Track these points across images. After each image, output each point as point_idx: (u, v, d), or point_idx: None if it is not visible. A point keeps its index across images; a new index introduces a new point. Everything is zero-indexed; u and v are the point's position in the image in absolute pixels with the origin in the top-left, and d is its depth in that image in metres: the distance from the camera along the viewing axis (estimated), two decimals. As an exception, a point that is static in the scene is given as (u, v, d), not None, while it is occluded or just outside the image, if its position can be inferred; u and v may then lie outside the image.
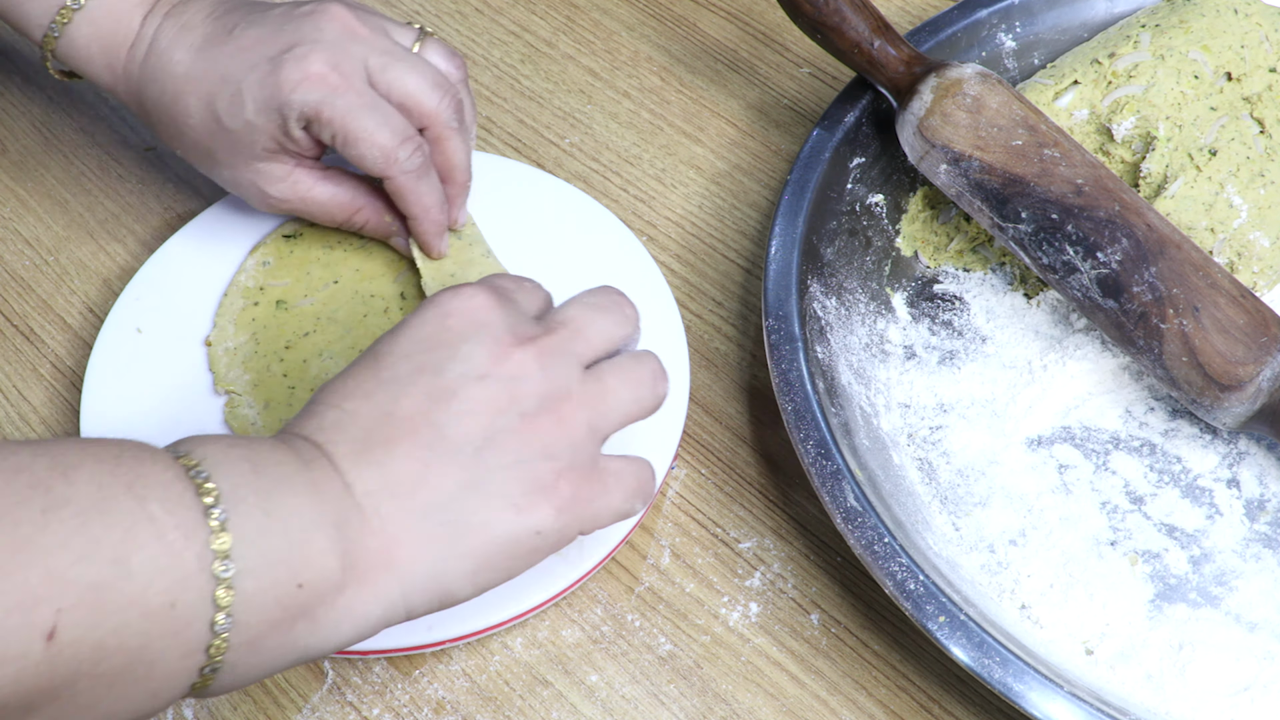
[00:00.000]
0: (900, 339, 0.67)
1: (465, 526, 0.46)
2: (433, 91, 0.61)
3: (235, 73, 0.59)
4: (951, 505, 0.61)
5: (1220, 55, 0.67)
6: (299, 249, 0.68)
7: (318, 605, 0.43)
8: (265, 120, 0.59)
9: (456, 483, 0.46)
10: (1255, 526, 0.61)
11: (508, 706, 0.56)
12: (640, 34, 0.84)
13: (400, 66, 0.60)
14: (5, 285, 0.71)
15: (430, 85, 0.61)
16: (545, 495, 0.47)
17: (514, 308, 0.50)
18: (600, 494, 0.49)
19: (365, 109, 0.59)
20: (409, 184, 0.61)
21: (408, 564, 0.45)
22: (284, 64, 0.58)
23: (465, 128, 0.64)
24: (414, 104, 0.61)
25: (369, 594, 0.44)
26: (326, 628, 0.44)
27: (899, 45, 0.66)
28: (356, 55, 0.59)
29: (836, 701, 0.57)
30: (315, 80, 0.58)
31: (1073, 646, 0.56)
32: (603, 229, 0.69)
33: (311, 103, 0.58)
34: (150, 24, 0.61)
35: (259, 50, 0.59)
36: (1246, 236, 0.65)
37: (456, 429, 0.46)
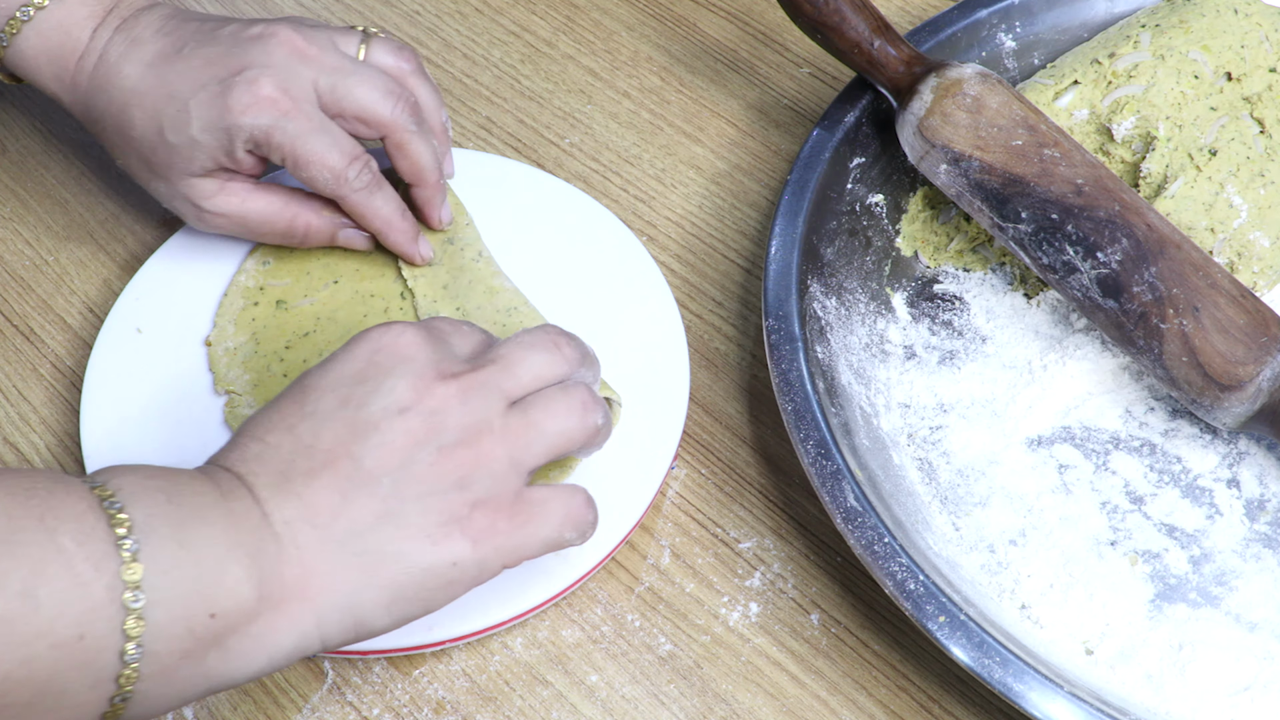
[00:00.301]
0: (900, 339, 0.67)
1: (381, 556, 0.46)
2: (384, 100, 0.62)
3: (183, 90, 0.60)
4: (951, 505, 0.61)
5: (1220, 55, 0.67)
6: (299, 249, 0.68)
7: (230, 634, 0.43)
8: (210, 139, 0.60)
9: (373, 514, 0.46)
10: (1255, 526, 0.61)
11: (508, 706, 0.56)
12: (640, 34, 0.84)
13: (349, 81, 0.61)
14: (5, 285, 0.71)
15: (381, 94, 0.62)
16: (460, 526, 0.47)
17: (444, 346, 0.51)
18: (522, 525, 0.49)
19: (314, 132, 0.60)
20: (362, 201, 0.62)
21: (323, 593, 0.45)
22: (234, 87, 0.59)
23: (426, 127, 0.64)
24: (368, 115, 0.61)
25: (283, 623, 0.45)
26: (238, 657, 0.44)
27: (899, 45, 0.66)
28: (305, 77, 0.60)
29: (836, 701, 0.57)
30: (266, 104, 0.59)
31: (1073, 646, 0.56)
32: (603, 229, 0.69)
33: (262, 126, 0.59)
34: (100, 36, 0.62)
35: (208, 71, 0.60)
36: (1246, 236, 0.65)
37: (374, 461, 0.47)
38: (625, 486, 0.60)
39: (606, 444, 0.61)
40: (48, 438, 0.65)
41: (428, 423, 0.48)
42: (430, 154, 0.64)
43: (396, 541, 0.46)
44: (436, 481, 0.47)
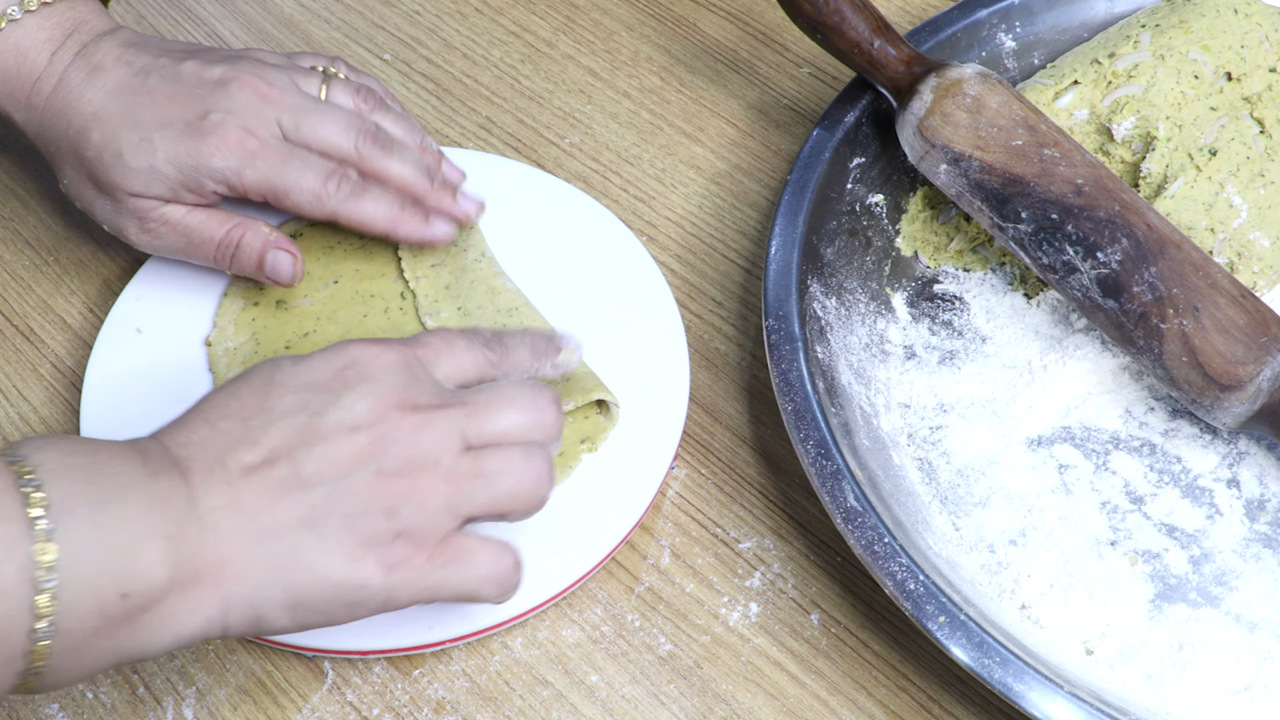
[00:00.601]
0: (900, 339, 0.67)
1: (295, 561, 0.46)
2: (345, 133, 0.63)
3: (146, 122, 0.60)
4: (951, 505, 0.61)
5: (1220, 55, 0.67)
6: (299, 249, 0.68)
7: (140, 613, 0.44)
8: (175, 174, 0.60)
9: (298, 519, 0.47)
10: (1255, 526, 0.61)
11: (508, 706, 0.56)
12: (640, 34, 0.84)
13: (311, 119, 0.62)
14: (5, 285, 0.71)
15: (342, 129, 0.63)
16: (378, 552, 0.47)
17: (420, 375, 0.51)
18: (440, 567, 0.49)
19: (285, 162, 0.61)
20: (351, 209, 0.63)
21: (234, 583, 0.46)
22: (202, 130, 0.60)
23: (390, 148, 0.64)
24: (331, 150, 0.63)
25: (191, 606, 0.45)
26: (146, 635, 0.45)
27: (899, 45, 0.66)
28: (269, 117, 0.62)
29: (836, 701, 0.57)
30: (234, 146, 0.60)
31: (1073, 646, 0.56)
32: (603, 229, 0.69)
33: (234, 168, 0.61)
34: (59, 60, 0.62)
35: (173, 109, 0.61)
36: (1246, 236, 0.65)
37: (313, 469, 0.47)
38: (625, 486, 0.60)
39: (606, 444, 0.61)
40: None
41: (374, 445, 0.48)
42: (408, 167, 0.64)
43: (313, 551, 0.47)
44: (368, 503, 0.47)
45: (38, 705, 0.56)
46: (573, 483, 0.60)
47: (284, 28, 0.84)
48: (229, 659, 0.58)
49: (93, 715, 0.56)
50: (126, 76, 0.62)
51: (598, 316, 0.66)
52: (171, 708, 0.56)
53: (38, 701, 0.56)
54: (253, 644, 0.58)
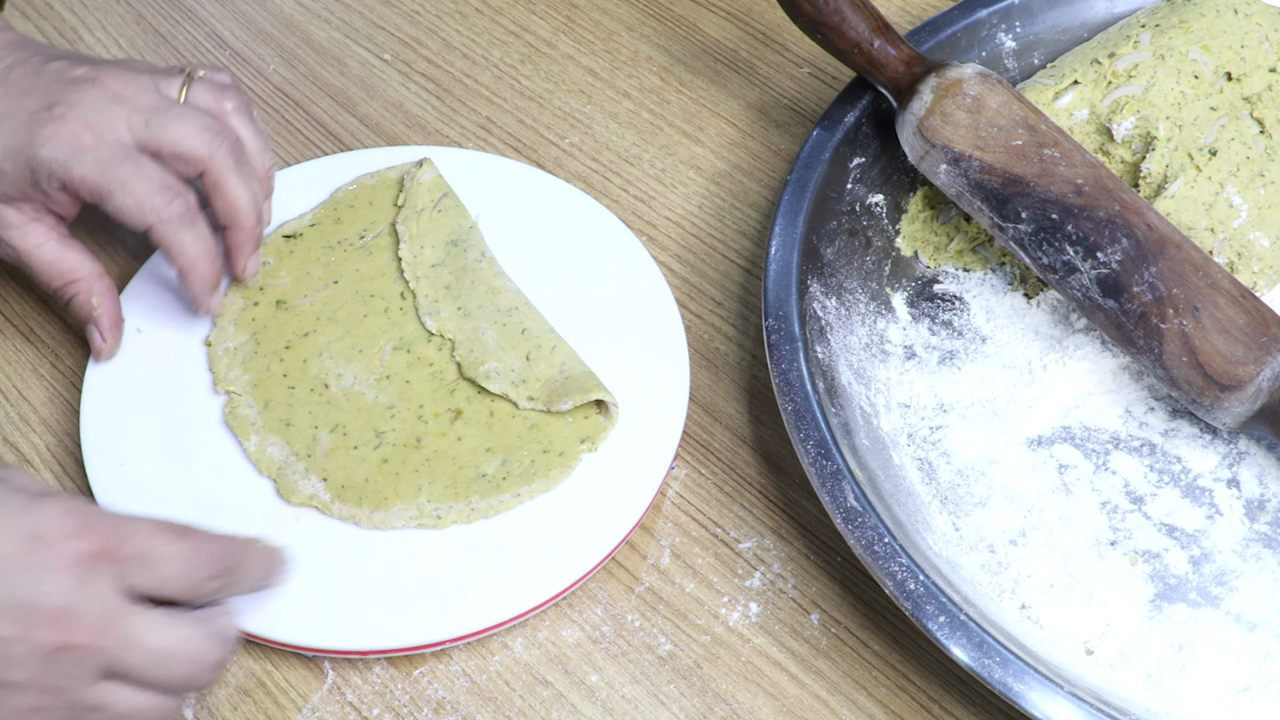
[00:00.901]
0: (900, 339, 0.67)
1: None
2: (200, 135, 0.60)
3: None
4: (951, 505, 0.61)
5: (1220, 55, 0.67)
6: (299, 249, 0.68)
7: None
8: (12, 168, 0.59)
9: None
10: (1255, 526, 0.61)
11: (508, 706, 0.56)
12: (640, 34, 0.84)
13: (163, 119, 0.60)
14: (5, 285, 0.71)
15: (197, 130, 0.60)
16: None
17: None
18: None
19: (117, 162, 0.59)
20: (170, 234, 0.60)
21: None
22: (39, 120, 0.58)
23: (247, 169, 0.62)
24: (183, 152, 0.60)
25: None
26: None
27: (899, 45, 0.66)
28: (117, 116, 0.59)
29: (836, 701, 0.57)
30: (67, 137, 0.58)
31: (1073, 646, 0.56)
32: (603, 229, 0.69)
33: (60, 160, 0.58)
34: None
35: (21, 101, 0.59)
36: (1246, 236, 0.65)
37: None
38: (625, 486, 0.60)
39: (606, 444, 0.61)
40: (48, 438, 0.65)
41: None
42: (248, 197, 0.62)
43: None
44: None
45: (38, 705, 0.56)
46: (573, 483, 0.60)
47: (284, 28, 0.84)
48: (229, 659, 0.58)
49: (93, 715, 0.56)
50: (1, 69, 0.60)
51: (598, 316, 0.66)
52: (171, 708, 0.56)
53: (38, 701, 0.56)
54: (253, 644, 0.58)
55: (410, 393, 0.63)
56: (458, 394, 0.63)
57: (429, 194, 0.69)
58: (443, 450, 0.61)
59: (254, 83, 0.81)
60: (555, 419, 0.62)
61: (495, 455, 0.61)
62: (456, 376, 0.63)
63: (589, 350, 0.64)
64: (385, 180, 0.71)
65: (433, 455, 0.61)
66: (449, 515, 0.59)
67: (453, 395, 0.63)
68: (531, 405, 0.62)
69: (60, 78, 0.60)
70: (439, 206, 0.69)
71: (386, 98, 0.80)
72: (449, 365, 0.64)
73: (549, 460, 0.61)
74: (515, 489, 0.59)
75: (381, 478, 0.60)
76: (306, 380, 0.63)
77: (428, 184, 0.69)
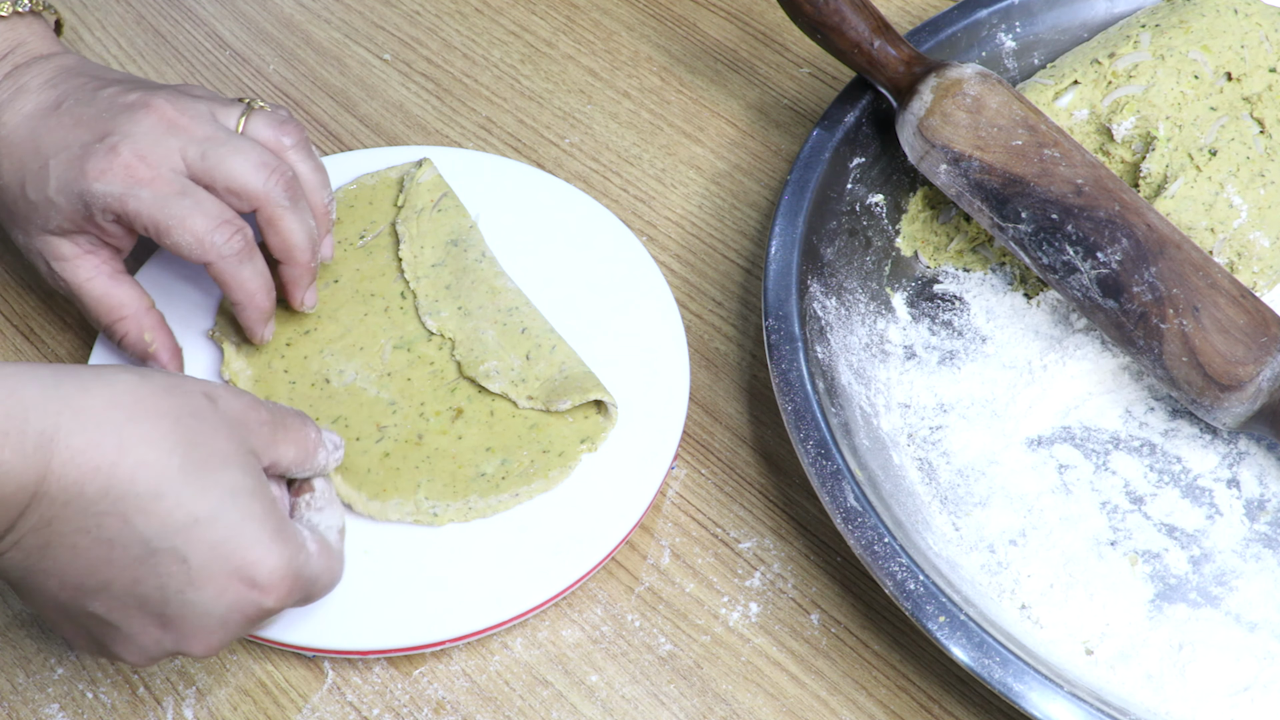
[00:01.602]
0: (900, 339, 0.67)
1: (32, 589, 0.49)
2: (256, 172, 0.59)
3: (48, 148, 0.58)
4: (951, 505, 0.61)
5: (1220, 55, 0.67)
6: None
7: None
8: (65, 201, 0.58)
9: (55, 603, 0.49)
10: (1255, 526, 0.61)
11: (508, 706, 0.56)
12: (640, 34, 0.84)
13: (220, 152, 0.58)
14: (5, 285, 0.71)
15: (254, 166, 0.59)
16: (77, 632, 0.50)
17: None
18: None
19: (174, 197, 0.57)
20: (229, 269, 0.59)
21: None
22: (93, 153, 0.57)
23: (302, 204, 0.61)
24: (238, 187, 0.59)
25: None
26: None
27: (899, 45, 0.66)
28: (171, 147, 0.58)
29: (836, 701, 0.57)
30: (120, 171, 0.57)
31: (1073, 646, 0.56)
32: (603, 229, 0.69)
33: (115, 194, 0.57)
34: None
35: (75, 133, 0.58)
36: (1246, 236, 0.65)
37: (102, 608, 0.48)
38: (625, 486, 0.60)
39: (606, 444, 0.61)
40: None
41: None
42: (304, 232, 0.61)
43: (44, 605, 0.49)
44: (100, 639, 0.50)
45: (38, 705, 0.56)
46: (573, 483, 0.60)
47: (284, 28, 0.84)
48: (229, 659, 0.58)
49: (93, 715, 0.56)
50: (45, 101, 0.59)
51: (598, 316, 0.66)
52: (171, 708, 0.56)
53: (37, 701, 0.56)
54: (253, 644, 0.58)
55: (411, 390, 0.63)
56: (458, 393, 0.63)
57: (429, 194, 0.69)
58: (443, 448, 0.61)
59: (254, 83, 0.81)
60: (555, 419, 0.62)
61: (495, 455, 0.61)
62: (457, 376, 0.63)
63: (589, 350, 0.64)
64: (385, 180, 0.71)
65: (433, 453, 0.61)
66: (445, 514, 0.59)
67: (453, 394, 0.63)
68: (531, 405, 0.62)
69: (113, 105, 0.59)
70: (439, 206, 0.69)
71: (386, 98, 0.80)
72: (449, 364, 0.64)
73: (549, 460, 0.61)
74: (514, 489, 0.59)
75: (383, 471, 0.60)
76: (308, 376, 0.63)
77: (427, 184, 0.69)
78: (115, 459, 0.46)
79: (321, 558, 0.52)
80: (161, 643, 0.49)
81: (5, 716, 0.56)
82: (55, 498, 0.45)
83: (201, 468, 0.48)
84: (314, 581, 0.52)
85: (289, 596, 0.50)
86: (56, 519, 0.46)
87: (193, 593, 0.48)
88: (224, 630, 0.49)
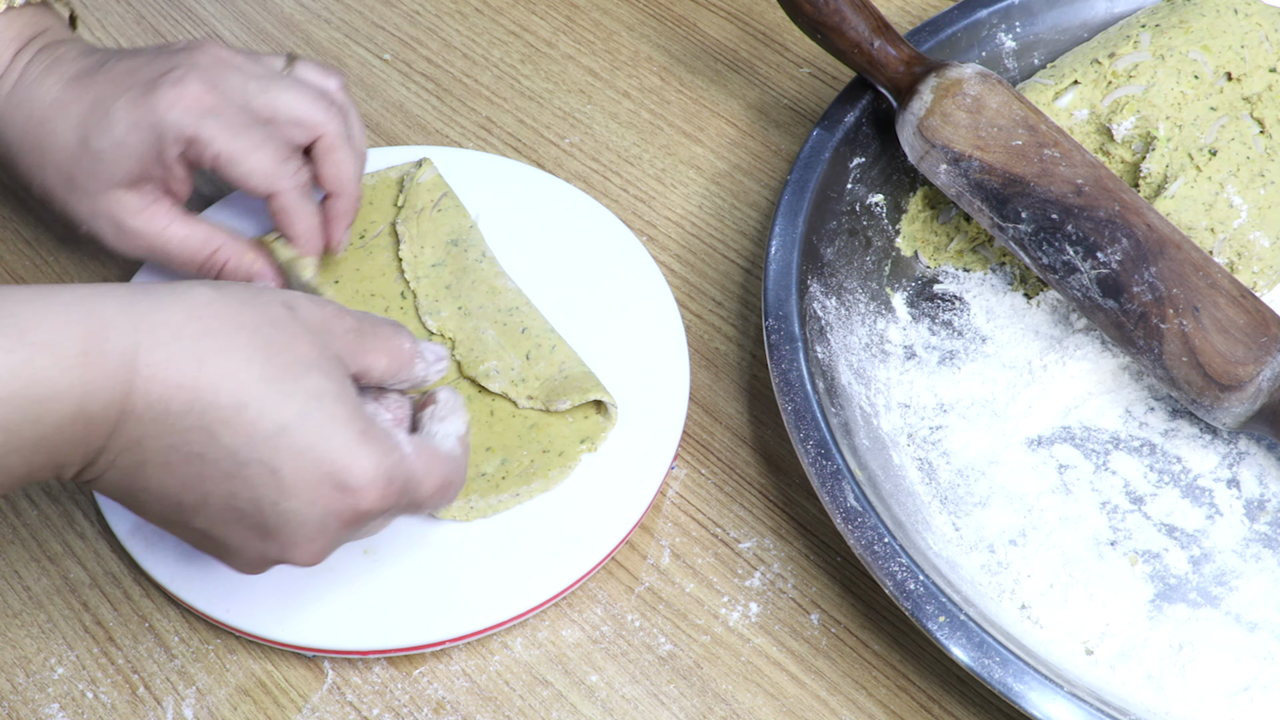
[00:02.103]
0: (900, 339, 0.67)
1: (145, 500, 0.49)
2: (316, 103, 0.60)
3: (107, 97, 0.58)
4: (951, 505, 0.61)
5: (1220, 55, 0.67)
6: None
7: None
8: (136, 140, 0.58)
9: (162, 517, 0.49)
10: (1255, 526, 0.61)
11: (508, 706, 0.56)
12: (640, 34, 0.84)
13: (279, 85, 0.60)
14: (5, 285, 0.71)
15: (312, 98, 0.61)
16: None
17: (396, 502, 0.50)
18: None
19: (244, 128, 0.58)
20: (294, 201, 0.60)
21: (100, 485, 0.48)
22: (160, 86, 0.58)
23: (353, 137, 0.62)
24: (300, 118, 0.60)
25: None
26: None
27: (899, 45, 0.66)
28: (234, 81, 0.59)
29: (836, 701, 0.57)
30: (192, 101, 0.57)
31: (1073, 646, 0.56)
32: (603, 229, 0.69)
33: (189, 123, 0.57)
34: (21, 59, 0.61)
35: (132, 77, 0.59)
36: (1246, 236, 0.65)
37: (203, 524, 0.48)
38: (625, 486, 0.60)
39: (606, 444, 0.61)
40: None
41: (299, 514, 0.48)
42: (357, 165, 0.62)
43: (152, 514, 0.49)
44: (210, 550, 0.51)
45: (38, 705, 0.56)
46: (573, 483, 0.60)
47: (284, 28, 0.84)
48: (229, 659, 0.58)
49: (93, 715, 0.56)
50: (87, 65, 0.60)
51: (598, 316, 0.66)
52: (171, 708, 0.56)
53: (37, 701, 0.56)
54: (253, 644, 0.58)
55: (411, 391, 0.63)
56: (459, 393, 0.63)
57: (429, 194, 0.69)
58: (443, 450, 0.61)
59: (254, 83, 0.81)
60: (555, 419, 0.62)
61: (495, 455, 0.61)
62: (457, 375, 0.63)
63: (589, 350, 0.64)
64: (385, 180, 0.71)
65: (433, 455, 0.61)
66: (445, 512, 0.59)
67: (453, 395, 0.63)
68: (530, 404, 0.62)
69: (163, 52, 0.60)
70: (439, 206, 0.69)
71: (386, 98, 0.80)
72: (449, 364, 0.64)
73: (548, 460, 0.61)
74: (514, 489, 0.59)
75: None
76: (306, 380, 0.63)
77: (427, 184, 0.69)
78: (195, 372, 0.46)
79: (421, 460, 0.51)
80: (266, 554, 0.49)
81: (5, 716, 0.56)
82: (141, 415, 0.45)
83: (282, 375, 0.47)
84: (415, 484, 0.50)
85: (384, 500, 0.49)
86: (146, 437, 0.46)
87: (286, 502, 0.47)
88: (324, 537, 0.49)
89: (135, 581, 0.60)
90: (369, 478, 0.48)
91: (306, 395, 0.48)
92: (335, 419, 0.48)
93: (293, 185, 0.60)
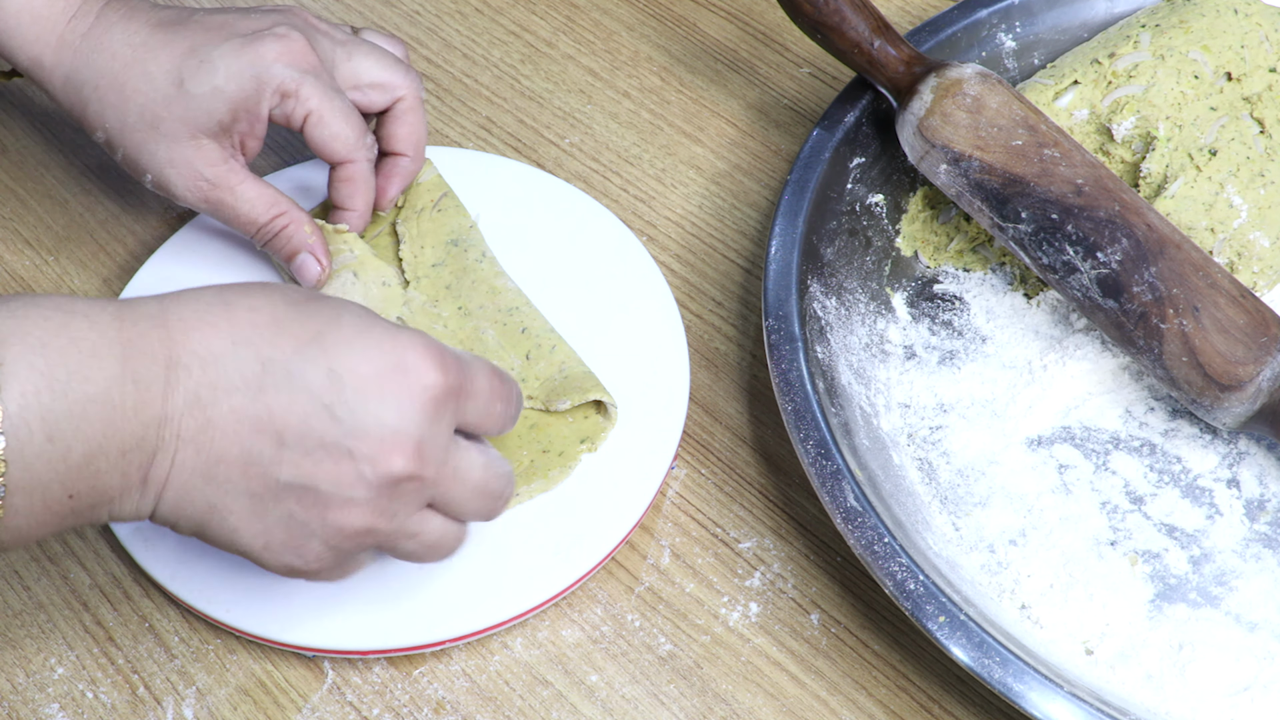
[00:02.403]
0: (900, 339, 0.67)
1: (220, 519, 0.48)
2: (395, 67, 0.64)
3: (204, 45, 0.59)
4: (951, 505, 0.61)
5: (1220, 55, 0.67)
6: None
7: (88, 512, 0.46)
8: (236, 88, 0.59)
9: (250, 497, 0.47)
10: (1255, 526, 0.61)
11: (508, 706, 0.56)
12: (640, 34, 0.84)
13: (362, 50, 0.64)
14: (5, 285, 0.71)
15: (391, 62, 0.64)
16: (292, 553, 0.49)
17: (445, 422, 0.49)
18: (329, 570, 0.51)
19: (336, 93, 0.61)
20: (363, 171, 0.63)
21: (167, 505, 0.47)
22: (265, 38, 0.60)
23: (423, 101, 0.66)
24: (385, 80, 0.64)
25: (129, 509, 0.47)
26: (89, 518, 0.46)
27: (899, 45, 0.66)
28: (324, 45, 0.62)
29: (836, 701, 0.57)
30: (296, 55, 0.60)
31: (1073, 646, 0.56)
32: (603, 229, 0.69)
33: (292, 77, 0.60)
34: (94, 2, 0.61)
35: (227, 29, 0.60)
36: (1246, 236, 0.65)
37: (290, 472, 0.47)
38: (625, 486, 0.60)
39: (606, 444, 0.61)
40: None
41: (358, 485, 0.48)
42: (425, 130, 0.66)
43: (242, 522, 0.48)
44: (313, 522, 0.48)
45: (38, 705, 0.56)
46: (573, 483, 0.60)
47: (284, 28, 0.84)
48: (229, 659, 0.58)
49: (93, 715, 0.56)
50: (170, 15, 0.61)
51: (598, 316, 0.66)
52: (171, 708, 0.56)
53: (37, 701, 0.56)
54: (253, 644, 0.58)
55: (410, 392, 0.63)
56: None
57: (429, 194, 0.69)
58: (443, 450, 0.61)
59: (254, 83, 0.81)
60: (555, 419, 0.62)
61: (495, 455, 0.61)
62: (456, 376, 0.63)
63: (589, 350, 0.64)
64: (385, 180, 0.71)
65: (433, 455, 0.61)
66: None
67: (453, 395, 0.63)
68: (530, 404, 0.62)
69: (255, 10, 0.62)
70: (439, 206, 0.69)
71: (386, 98, 0.80)
72: None
73: (548, 460, 0.61)
74: (514, 488, 0.59)
75: None
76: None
77: (427, 184, 0.69)
78: (224, 314, 0.47)
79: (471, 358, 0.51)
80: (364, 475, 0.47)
81: (5, 716, 0.56)
82: (190, 366, 0.45)
83: (308, 298, 0.49)
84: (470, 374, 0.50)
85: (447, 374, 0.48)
86: (200, 389, 0.45)
87: (359, 402, 0.47)
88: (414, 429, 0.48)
89: (135, 582, 0.60)
90: (420, 349, 0.48)
91: (334, 305, 0.49)
92: (368, 313, 0.49)
93: (367, 157, 0.63)
